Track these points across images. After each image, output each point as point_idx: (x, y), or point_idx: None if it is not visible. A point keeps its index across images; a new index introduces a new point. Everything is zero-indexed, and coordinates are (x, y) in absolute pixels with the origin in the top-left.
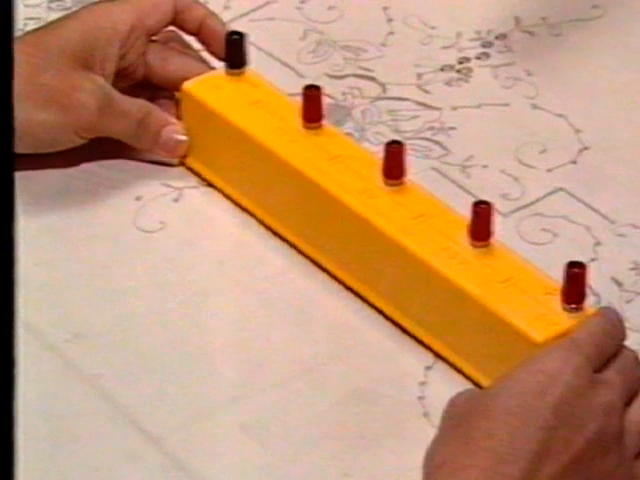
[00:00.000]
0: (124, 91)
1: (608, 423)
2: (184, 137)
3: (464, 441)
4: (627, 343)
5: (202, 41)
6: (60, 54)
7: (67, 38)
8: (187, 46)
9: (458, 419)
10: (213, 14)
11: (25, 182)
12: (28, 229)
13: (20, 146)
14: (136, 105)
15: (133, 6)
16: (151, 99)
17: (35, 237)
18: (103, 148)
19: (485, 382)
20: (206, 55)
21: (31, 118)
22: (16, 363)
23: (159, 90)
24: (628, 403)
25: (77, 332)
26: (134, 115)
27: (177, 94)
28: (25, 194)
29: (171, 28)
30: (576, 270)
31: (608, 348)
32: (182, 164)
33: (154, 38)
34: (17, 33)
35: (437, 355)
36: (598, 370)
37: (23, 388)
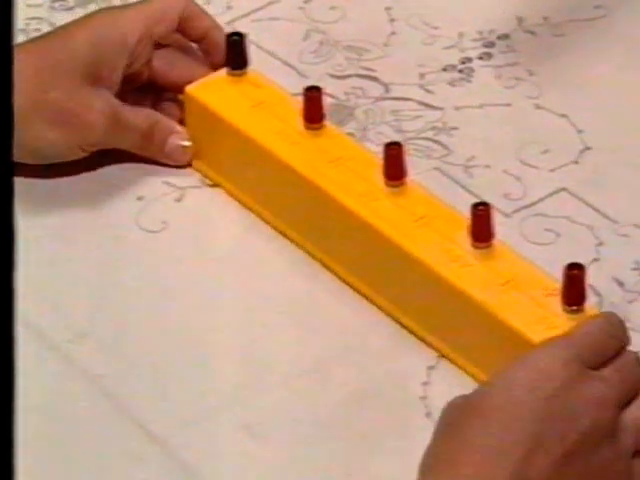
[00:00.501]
0: (128, 94)
1: (601, 416)
2: (189, 144)
3: (457, 439)
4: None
5: (203, 50)
6: (69, 69)
7: (76, 51)
8: (190, 49)
9: (451, 420)
10: (217, 25)
11: (27, 183)
12: (30, 229)
13: (25, 158)
14: (142, 117)
15: (141, 14)
16: (155, 101)
17: (37, 237)
18: (106, 148)
19: None
20: None
21: (38, 136)
22: (16, 363)
23: (163, 92)
24: (628, 403)
25: (79, 332)
26: (140, 127)
27: (181, 96)
28: (27, 194)
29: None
30: (575, 272)
31: (605, 348)
32: (185, 165)
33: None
34: (18, 34)
35: (440, 355)
36: (596, 369)
37: (25, 388)
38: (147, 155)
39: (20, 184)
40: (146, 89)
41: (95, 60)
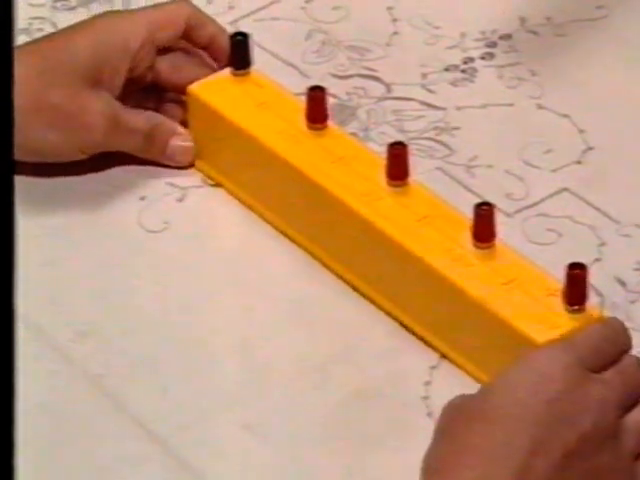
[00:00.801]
0: (131, 95)
1: (602, 418)
2: (191, 145)
3: (459, 442)
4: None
5: (210, 55)
6: (70, 71)
7: (77, 54)
8: (195, 52)
9: (452, 422)
10: (223, 31)
11: (29, 182)
12: (33, 229)
13: (24, 158)
14: (143, 119)
15: (145, 20)
16: (158, 102)
17: (40, 237)
18: (107, 151)
19: None
20: None
21: (38, 137)
22: (16, 362)
23: (166, 93)
24: (631, 407)
25: (81, 332)
26: (141, 130)
27: (184, 97)
28: (29, 194)
29: None
30: (577, 271)
31: (606, 352)
32: (187, 165)
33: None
34: (21, 34)
35: (442, 355)
36: (597, 373)
37: (26, 387)
38: (149, 157)
39: (22, 184)
40: (149, 90)
41: (96, 64)
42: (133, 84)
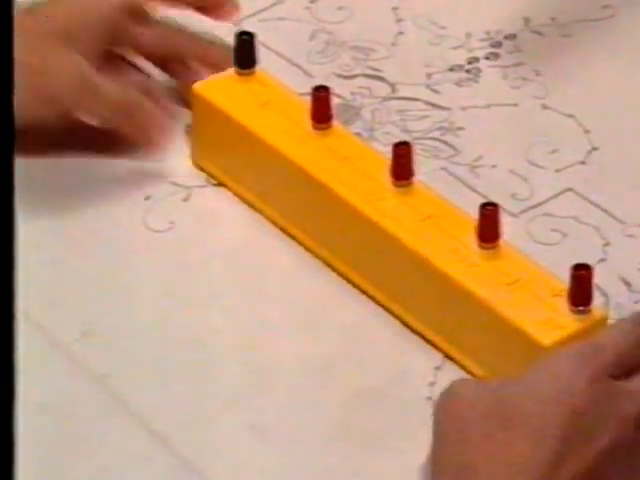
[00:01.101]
0: (112, 69)
1: (621, 435)
2: (167, 126)
3: (480, 450)
4: None
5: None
6: (42, 34)
7: (52, 18)
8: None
9: (465, 423)
10: None
11: (33, 182)
12: (36, 228)
13: None
14: (116, 89)
15: None
16: (140, 76)
17: (43, 236)
18: (112, 147)
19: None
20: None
21: None
22: (16, 362)
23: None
24: None
25: (85, 331)
26: (113, 100)
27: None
28: (34, 194)
29: None
30: (582, 272)
31: (633, 358)
32: (192, 163)
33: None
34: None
35: (446, 355)
36: (621, 379)
37: (30, 387)
38: (120, 132)
39: (23, 183)
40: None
41: (70, 27)
42: (114, 56)
